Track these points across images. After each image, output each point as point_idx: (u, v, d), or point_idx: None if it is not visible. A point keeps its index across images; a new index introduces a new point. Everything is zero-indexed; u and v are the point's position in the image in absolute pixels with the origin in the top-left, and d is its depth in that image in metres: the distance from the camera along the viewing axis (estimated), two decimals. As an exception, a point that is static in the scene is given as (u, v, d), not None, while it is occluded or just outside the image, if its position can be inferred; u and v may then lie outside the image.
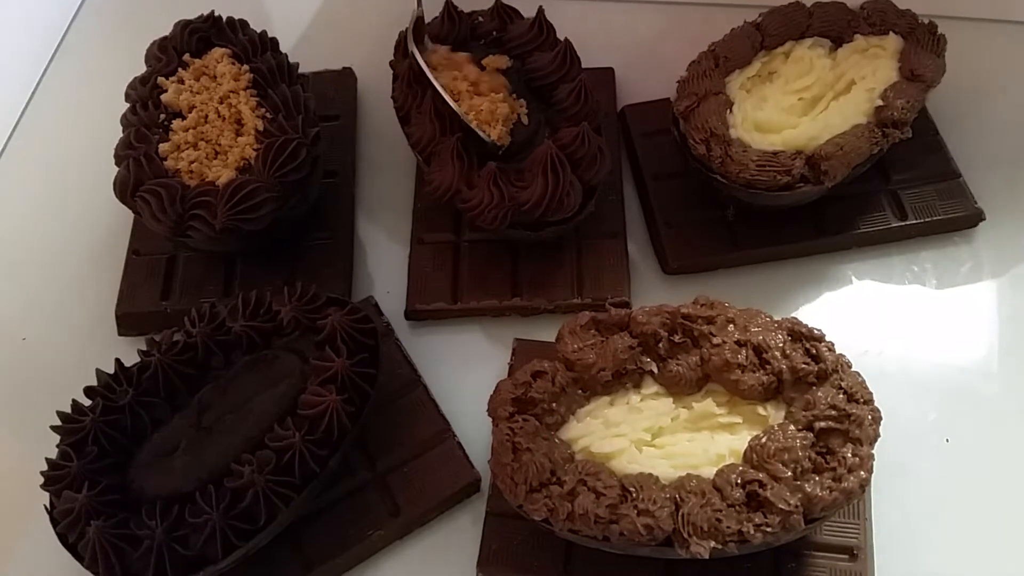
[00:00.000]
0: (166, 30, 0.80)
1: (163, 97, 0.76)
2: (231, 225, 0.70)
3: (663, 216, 0.78)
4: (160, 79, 0.77)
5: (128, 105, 0.77)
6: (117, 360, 0.66)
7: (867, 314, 0.74)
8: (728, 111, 0.74)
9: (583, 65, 0.77)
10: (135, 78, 0.79)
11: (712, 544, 0.55)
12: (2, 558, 0.69)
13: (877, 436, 0.59)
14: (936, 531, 0.65)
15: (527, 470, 0.58)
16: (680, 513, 0.56)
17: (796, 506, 0.56)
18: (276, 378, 0.64)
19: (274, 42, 0.81)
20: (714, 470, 0.58)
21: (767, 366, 0.61)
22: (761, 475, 0.56)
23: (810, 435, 0.58)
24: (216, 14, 0.81)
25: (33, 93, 0.95)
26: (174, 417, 0.64)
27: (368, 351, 0.66)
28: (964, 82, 0.82)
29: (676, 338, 0.63)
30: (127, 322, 0.77)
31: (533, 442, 0.59)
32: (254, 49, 0.79)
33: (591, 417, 0.62)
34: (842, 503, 0.57)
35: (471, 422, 0.69)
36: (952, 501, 0.66)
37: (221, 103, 0.76)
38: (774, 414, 0.61)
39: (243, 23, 0.82)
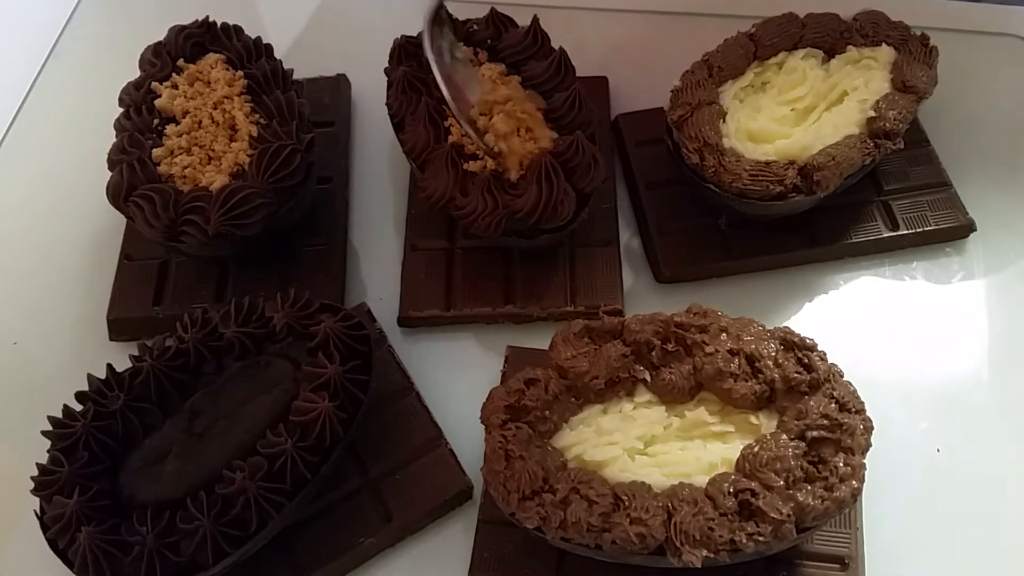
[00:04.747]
0: (160, 35, 0.80)
1: (157, 102, 0.76)
2: (224, 231, 0.70)
3: (656, 225, 0.78)
4: (154, 84, 0.77)
5: (122, 110, 0.77)
6: (109, 365, 0.65)
7: (859, 324, 0.75)
8: (721, 121, 0.74)
9: (577, 74, 0.77)
10: (129, 83, 0.78)
11: (704, 553, 0.55)
12: (-9, 564, 0.68)
13: (869, 445, 0.59)
14: (927, 540, 0.65)
15: (520, 478, 0.58)
16: (672, 522, 0.56)
17: (788, 515, 0.56)
18: (268, 384, 0.64)
19: (268, 48, 0.81)
20: (706, 479, 0.58)
21: (759, 375, 0.61)
22: (753, 484, 0.56)
23: (802, 444, 0.58)
24: (211, 20, 0.81)
25: (26, 97, 0.94)
26: (165, 423, 0.64)
27: (361, 358, 0.66)
28: (956, 93, 0.83)
29: (669, 346, 0.63)
30: (119, 327, 0.76)
31: (526, 450, 0.59)
32: (248, 55, 0.79)
33: (584, 425, 0.62)
34: (834, 512, 0.57)
35: (464, 429, 0.68)
36: (943, 510, 0.66)
37: (215, 108, 0.76)
38: (766, 423, 0.61)
39: (237, 29, 0.81)
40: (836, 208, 0.77)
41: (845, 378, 0.62)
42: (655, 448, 0.61)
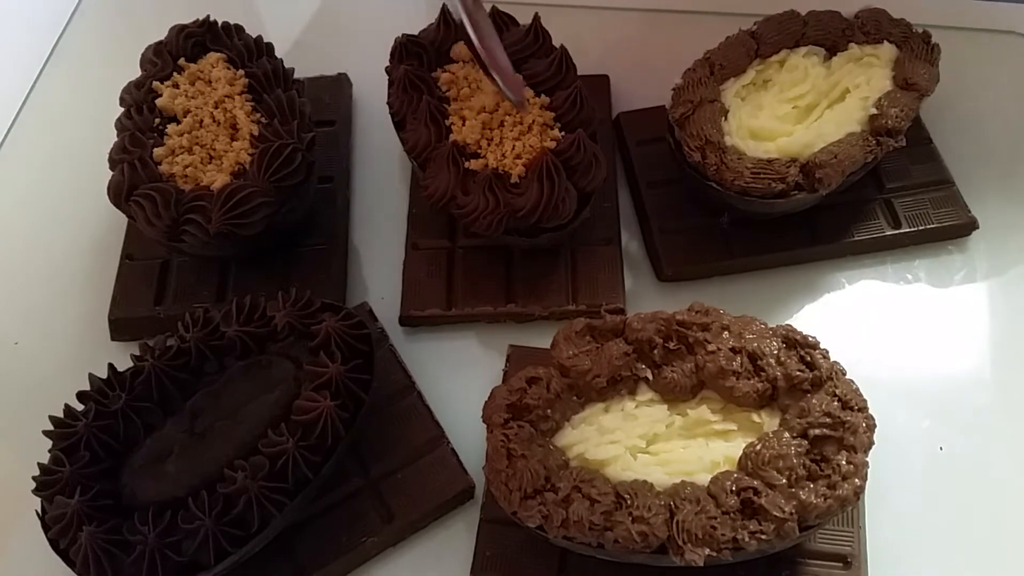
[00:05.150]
0: (161, 34, 0.80)
1: (158, 101, 0.76)
2: (225, 230, 0.70)
3: (658, 223, 0.78)
4: (155, 83, 0.77)
5: (123, 109, 0.77)
6: (110, 365, 0.65)
7: (861, 322, 0.74)
8: (723, 118, 0.74)
9: (578, 72, 0.77)
10: (130, 82, 0.78)
11: (706, 551, 0.55)
12: (-7, 564, 0.68)
13: (871, 443, 0.59)
14: (930, 539, 0.65)
15: (521, 477, 0.58)
16: (675, 520, 0.56)
17: (791, 513, 0.56)
18: (270, 383, 0.64)
19: (269, 47, 0.81)
20: (709, 477, 0.58)
21: (762, 373, 0.61)
22: (756, 482, 0.56)
23: (804, 442, 0.58)
24: (211, 19, 0.81)
25: (27, 96, 0.94)
26: (167, 422, 0.64)
27: (362, 357, 0.66)
28: (958, 91, 0.83)
29: (671, 345, 0.63)
30: (120, 327, 0.76)
31: (528, 449, 0.59)
32: (249, 54, 0.79)
33: (586, 424, 0.62)
34: (836, 510, 0.57)
35: (465, 428, 0.68)
36: (945, 509, 0.66)
37: (216, 108, 0.76)
38: (768, 421, 0.61)
39: (238, 28, 0.81)
40: (838, 206, 0.76)
41: (847, 376, 0.62)
42: (657, 447, 0.61)
